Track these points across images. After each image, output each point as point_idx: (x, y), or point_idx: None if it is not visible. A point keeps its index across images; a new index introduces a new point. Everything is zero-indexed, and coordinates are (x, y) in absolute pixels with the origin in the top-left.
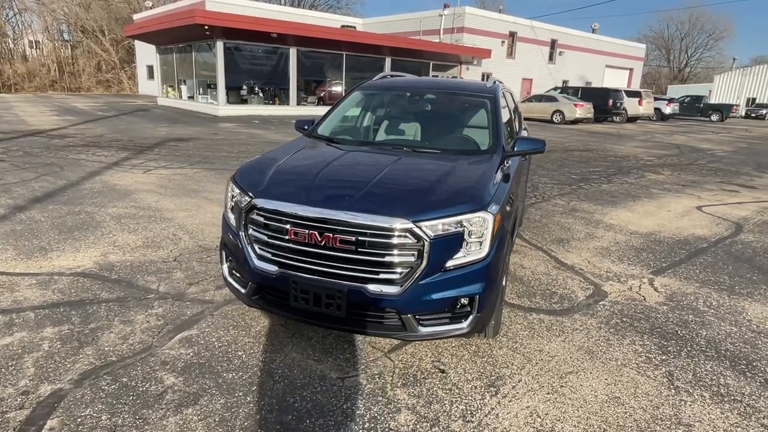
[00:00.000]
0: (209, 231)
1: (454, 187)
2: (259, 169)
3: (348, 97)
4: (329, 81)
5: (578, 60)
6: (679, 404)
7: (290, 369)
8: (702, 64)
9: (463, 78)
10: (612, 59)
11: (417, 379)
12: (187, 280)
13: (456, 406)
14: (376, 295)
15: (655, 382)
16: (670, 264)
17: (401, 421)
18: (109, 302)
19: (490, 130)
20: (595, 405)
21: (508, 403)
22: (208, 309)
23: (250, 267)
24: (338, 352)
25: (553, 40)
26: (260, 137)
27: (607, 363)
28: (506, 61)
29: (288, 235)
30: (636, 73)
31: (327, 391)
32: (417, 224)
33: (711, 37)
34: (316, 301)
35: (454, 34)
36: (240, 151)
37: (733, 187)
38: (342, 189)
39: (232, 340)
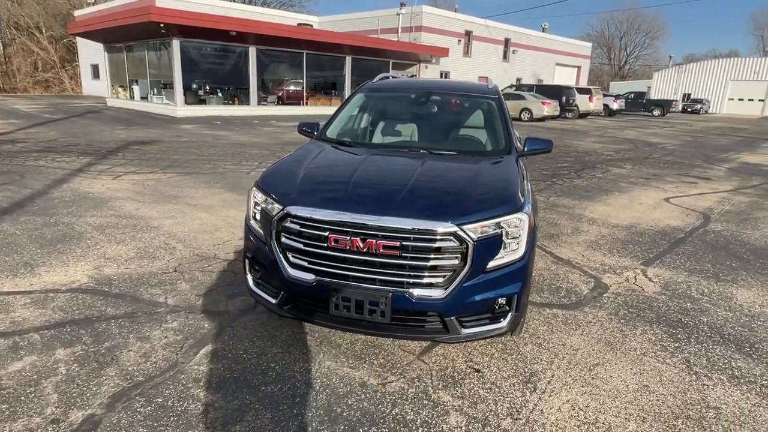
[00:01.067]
0: (203, 239)
1: (490, 189)
2: (284, 175)
3: (352, 100)
4: (288, 80)
5: (531, 58)
6: (703, 389)
7: (328, 378)
8: (640, 61)
9: (422, 77)
10: (562, 57)
11: (455, 380)
12: (194, 291)
13: (501, 405)
14: (420, 300)
15: (676, 369)
16: (657, 255)
17: (452, 423)
18: (118, 319)
19: (502, 130)
20: (628, 395)
21: (548, 398)
22: (226, 320)
23: (283, 276)
24: (371, 358)
25: (506, 38)
26: (226, 139)
27: (627, 353)
28: (463, 59)
29: (327, 243)
30: (583, 70)
31: (372, 398)
32: (461, 227)
33: (648, 36)
34: (359, 308)
35: (412, 32)
36: (210, 154)
37: (691, 179)
38: (380, 194)
39: (261, 351)
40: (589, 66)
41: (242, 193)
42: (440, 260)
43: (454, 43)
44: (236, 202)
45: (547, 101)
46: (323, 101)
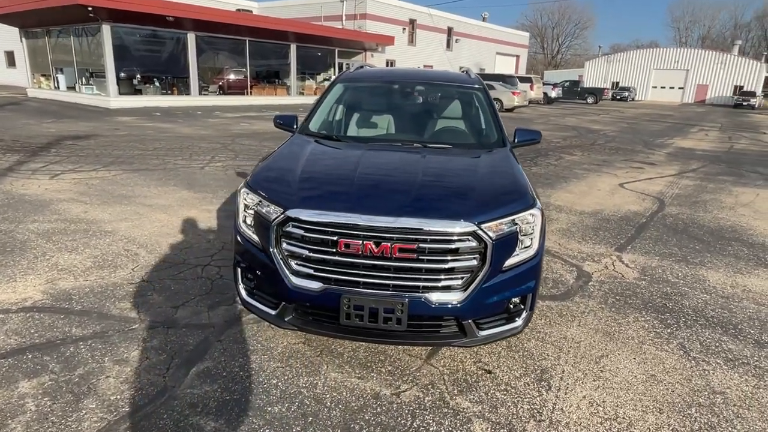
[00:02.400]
0: (167, 243)
1: (501, 186)
2: (278, 174)
3: (332, 91)
4: (230, 69)
5: (473, 47)
6: (705, 374)
7: (338, 392)
8: (571, 51)
9: None
10: (502, 47)
11: (469, 383)
12: (169, 302)
13: (521, 407)
14: (438, 304)
15: (675, 356)
16: (627, 240)
17: (477, 430)
18: (87, 340)
19: (493, 122)
20: (639, 386)
21: (564, 395)
22: (212, 334)
23: (284, 286)
24: (377, 366)
25: (449, 27)
26: (170, 132)
27: (627, 342)
28: (408, 48)
29: (337, 248)
30: (522, 59)
31: (388, 411)
32: (480, 226)
33: (577, 26)
34: (372, 316)
35: (357, 20)
36: (156, 149)
37: (637, 164)
38: (389, 193)
39: (258, 367)
40: (527, 55)
41: (200, 190)
42: (458, 261)
43: (399, 31)
44: (195, 200)
45: (517, 91)
46: (268, 91)
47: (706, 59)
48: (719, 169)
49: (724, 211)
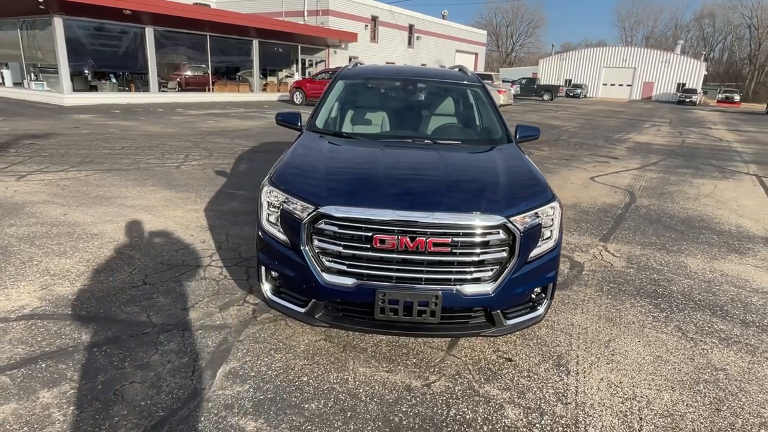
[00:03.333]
0: (160, 244)
1: (522, 180)
2: (303, 171)
3: (334, 88)
4: (191, 65)
5: (434, 45)
6: (705, 353)
7: (370, 386)
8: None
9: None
10: (461, 44)
11: (493, 371)
12: (177, 305)
13: (546, 392)
14: (470, 296)
15: (675, 337)
16: (609, 231)
17: (512, 416)
18: (100, 346)
19: (496, 118)
20: (649, 366)
21: (584, 379)
22: (230, 334)
23: (316, 283)
24: (401, 359)
25: (410, 24)
26: (135, 130)
27: (629, 327)
28: (370, 45)
29: (372, 244)
30: (480, 57)
31: (423, 402)
32: (509, 219)
33: (530, 25)
34: (407, 310)
35: (319, 16)
36: (124, 148)
37: (603, 158)
38: (419, 189)
39: (285, 365)
40: (485, 53)
41: (182, 190)
42: (489, 254)
43: (362, 28)
44: (179, 200)
45: (502, 89)
46: (231, 87)
47: (651, 58)
48: (677, 162)
49: (689, 201)
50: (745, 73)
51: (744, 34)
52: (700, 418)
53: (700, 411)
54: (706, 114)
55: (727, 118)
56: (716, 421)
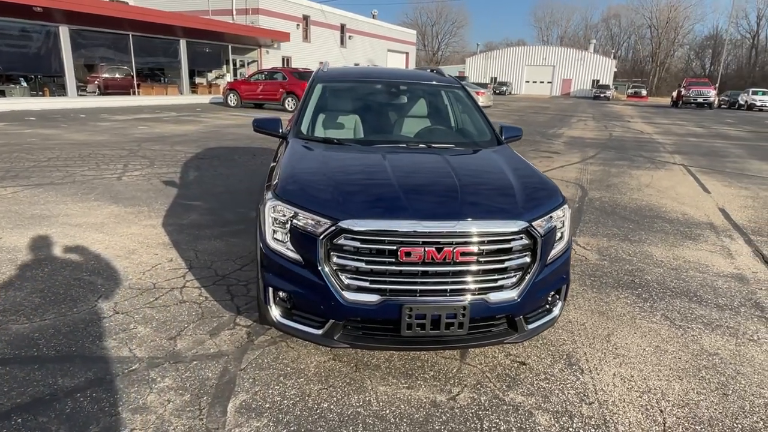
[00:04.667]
0: (122, 267)
1: (533, 184)
2: (310, 184)
3: (314, 92)
4: (113, 67)
5: (366, 44)
6: (696, 340)
7: (395, 405)
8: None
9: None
10: (392, 44)
11: (512, 377)
12: (160, 334)
13: (567, 393)
14: (496, 304)
15: (665, 326)
16: (574, 225)
17: (543, 422)
18: (83, 390)
19: (482, 120)
20: (652, 357)
21: (598, 376)
22: (230, 363)
23: (335, 302)
24: (418, 372)
25: (342, 24)
26: (57, 138)
27: (622, 319)
28: (303, 44)
29: (397, 257)
30: (411, 56)
31: (454, 417)
32: (531, 224)
33: (454, 25)
34: (434, 323)
35: (249, 15)
36: (51, 159)
37: (545, 153)
38: (439, 198)
39: (300, 392)
40: (415, 52)
41: (130, 204)
42: (513, 260)
43: (294, 27)
44: (130, 216)
45: (482, 90)
46: (158, 90)
47: (568, 56)
48: (612, 155)
49: (634, 192)
50: (649, 69)
51: (646, 33)
52: (713, 405)
53: (711, 397)
54: (621, 108)
55: (640, 111)
56: (727, 406)
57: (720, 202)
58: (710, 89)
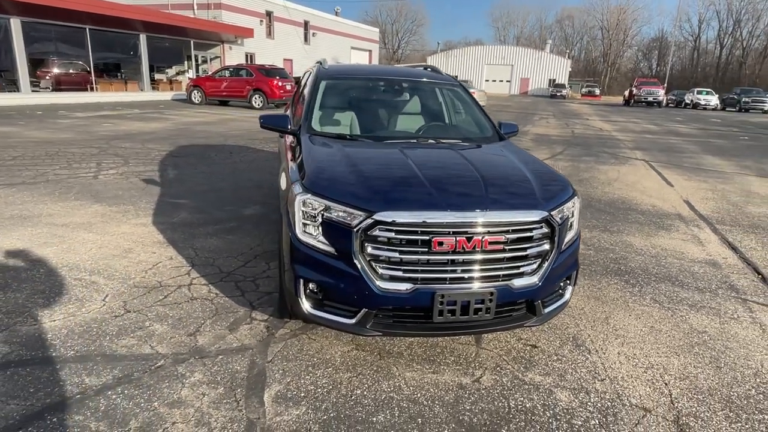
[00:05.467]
0: (122, 266)
1: (545, 175)
2: (339, 177)
3: (319, 89)
4: (69, 61)
5: (329, 42)
6: (685, 319)
7: (424, 389)
8: (410, 47)
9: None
10: (356, 42)
11: (527, 359)
12: (179, 331)
13: (580, 371)
14: (519, 289)
15: (655, 308)
16: None
17: (564, 399)
18: (114, 387)
19: (482, 116)
20: (649, 337)
21: (604, 355)
22: (256, 356)
23: (369, 291)
24: (441, 358)
25: (306, 21)
26: (19, 137)
27: (616, 303)
28: (267, 41)
29: (430, 247)
30: (374, 54)
31: (482, 397)
32: (550, 213)
33: (414, 23)
34: (464, 309)
35: (211, 10)
36: (16, 158)
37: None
38: (466, 189)
39: (331, 381)
40: (378, 50)
41: (114, 203)
42: (534, 247)
43: (257, 23)
44: (117, 215)
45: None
46: (117, 86)
47: (525, 56)
48: (578, 151)
49: (605, 186)
50: (601, 69)
51: (597, 35)
52: (710, 377)
53: (707, 370)
54: (578, 106)
55: (596, 109)
56: (722, 377)
57: (684, 195)
58: (659, 89)
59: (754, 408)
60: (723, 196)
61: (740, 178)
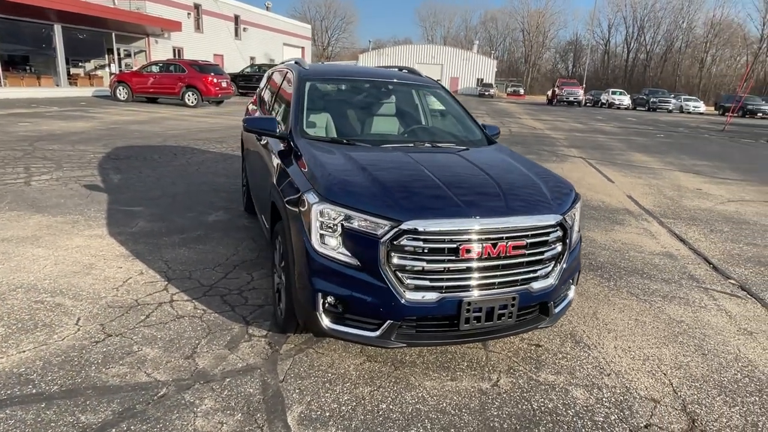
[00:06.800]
0: (87, 284)
1: (553, 180)
2: (355, 185)
3: (305, 90)
4: None
5: (261, 37)
6: (662, 310)
7: (448, 398)
8: (340, 44)
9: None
10: (288, 38)
11: (535, 359)
12: (173, 353)
13: (586, 368)
14: (538, 292)
15: (634, 301)
16: None
17: (581, 397)
18: (118, 423)
19: (468, 118)
20: (637, 329)
21: (603, 350)
22: (266, 375)
23: (396, 302)
24: (453, 364)
25: (236, 15)
26: None
27: (598, 297)
28: (195, 35)
29: (458, 255)
30: (307, 51)
31: (505, 401)
32: (564, 216)
33: (343, 20)
34: (488, 315)
35: (134, 1)
36: None
37: None
38: (487, 196)
39: (352, 397)
40: (311, 47)
41: (58, 213)
42: (550, 250)
43: (184, 16)
44: (65, 225)
45: None
46: (29, 81)
47: (454, 55)
48: (520, 150)
49: None
50: (523, 70)
51: (519, 36)
52: (699, 365)
53: (695, 358)
54: (506, 105)
55: (524, 108)
56: (709, 363)
57: (625, 191)
58: (579, 89)
59: (744, 391)
60: (659, 191)
61: (668, 174)
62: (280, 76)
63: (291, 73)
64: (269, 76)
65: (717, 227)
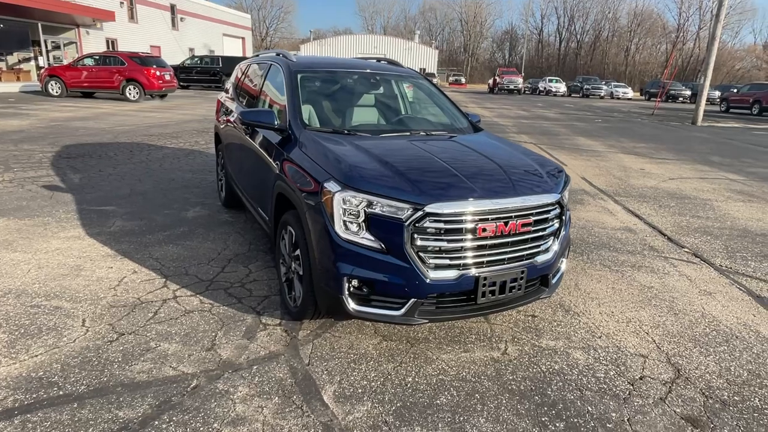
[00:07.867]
0: (82, 286)
1: (545, 162)
2: (376, 172)
3: (298, 82)
4: None
5: (200, 28)
6: (634, 279)
7: (466, 368)
8: (279, 34)
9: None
10: (228, 28)
11: (534, 329)
12: (193, 347)
13: (580, 333)
14: (541, 265)
15: (606, 272)
16: None
17: (580, 358)
18: (158, 417)
19: (453, 108)
20: (615, 296)
21: (590, 316)
22: (291, 361)
23: (420, 281)
24: (463, 338)
25: (172, 4)
26: None
27: (576, 270)
28: (129, 25)
29: (475, 234)
30: (247, 42)
31: (519, 367)
32: (561, 195)
33: (281, 10)
34: (501, 289)
35: None
36: None
37: None
38: (494, 179)
39: (380, 374)
40: (251, 37)
41: (25, 215)
42: (551, 227)
43: (117, 5)
44: (37, 228)
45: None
46: None
47: (396, 45)
48: None
49: None
50: (462, 59)
51: (457, 26)
52: (674, 323)
53: (669, 318)
54: (451, 94)
55: (468, 97)
56: (682, 321)
57: (578, 172)
58: (519, 77)
59: (714, 342)
60: (608, 172)
61: (612, 156)
62: (262, 69)
63: (277, 66)
64: (245, 70)
65: (664, 203)
